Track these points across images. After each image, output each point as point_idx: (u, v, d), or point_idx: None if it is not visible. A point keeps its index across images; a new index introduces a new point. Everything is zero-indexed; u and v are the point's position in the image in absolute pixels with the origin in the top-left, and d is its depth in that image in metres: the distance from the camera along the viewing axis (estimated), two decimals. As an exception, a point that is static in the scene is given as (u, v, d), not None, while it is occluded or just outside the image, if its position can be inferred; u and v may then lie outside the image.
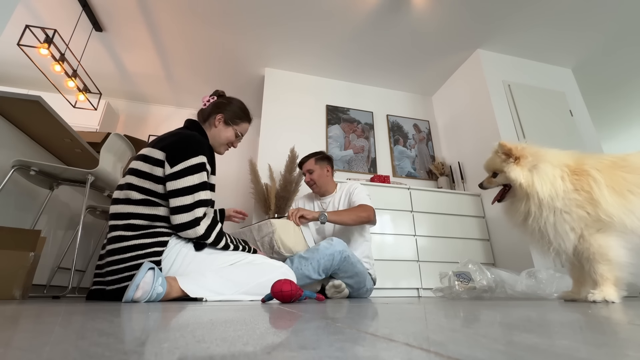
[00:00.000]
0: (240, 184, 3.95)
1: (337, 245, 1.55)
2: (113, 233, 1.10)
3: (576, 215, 1.11)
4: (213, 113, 1.38)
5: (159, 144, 1.18)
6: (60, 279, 1.92)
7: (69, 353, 0.23)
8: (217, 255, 1.18)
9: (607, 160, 1.17)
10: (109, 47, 3.30)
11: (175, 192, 1.11)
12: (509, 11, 2.85)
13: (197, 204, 1.12)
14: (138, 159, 1.18)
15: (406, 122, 3.80)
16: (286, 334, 0.35)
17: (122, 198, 1.13)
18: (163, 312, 0.60)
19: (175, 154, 1.14)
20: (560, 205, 1.12)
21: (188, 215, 1.10)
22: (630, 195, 1.08)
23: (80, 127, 3.37)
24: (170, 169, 1.12)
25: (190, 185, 1.12)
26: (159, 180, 1.14)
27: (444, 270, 1.96)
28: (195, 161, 1.15)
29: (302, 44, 3.24)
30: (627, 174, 1.11)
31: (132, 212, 1.11)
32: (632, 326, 0.44)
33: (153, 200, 1.13)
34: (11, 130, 1.59)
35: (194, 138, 1.21)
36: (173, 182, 1.11)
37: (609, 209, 1.06)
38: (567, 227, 1.11)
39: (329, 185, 2.02)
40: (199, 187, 1.14)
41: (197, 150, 1.17)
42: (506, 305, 0.91)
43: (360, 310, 0.69)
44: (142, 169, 1.15)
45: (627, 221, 1.05)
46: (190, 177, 1.13)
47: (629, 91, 3.94)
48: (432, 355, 0.23)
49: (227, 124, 1.39)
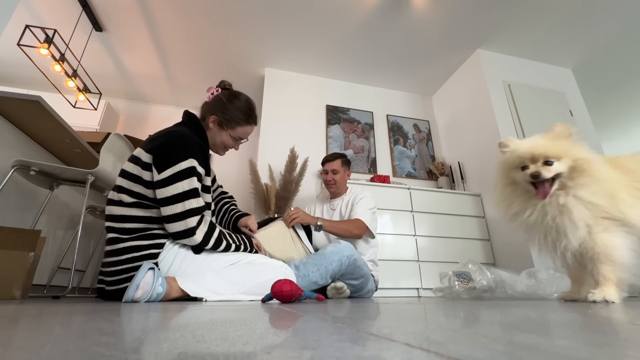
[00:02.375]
0: (240, 184, 3.95)
1: (346, 250, 1.52)
2: (110, 234, 1.10)
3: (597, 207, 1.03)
4: (208, 113, 1.28)
5: (148, 145, 1.13)
6: (60, 279, 1.92)
7: (69, 353, 0.23)
8: (217, 255, 1.17)
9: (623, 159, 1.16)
10: (109, 47, 3.30)
11: (165, 200, 1.05)
12: (509, 11, 2.85)
13: (188, 213, 1.06)
14: (130, 160, 1.14)
15: (406, 122, 3.80)
16: (286, 334, 0.35)
17: (116, 200, 1.11)
18: (163, 312, 0.60)
19: (161, 159, 1.07)
20: (612, 189, 1.05)
21: (180, 225, 1.05)
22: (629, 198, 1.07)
23: (80, 127, 3.37)
24: (157, 175, 1.06)
25: (179, 192, 1.05)
26: (149, 185, 1.09)
27: (444, 270, 1.96)
28: (183, 166, 1.07)
29: (302, 44, 3.24)
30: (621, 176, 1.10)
31: (127, 215, 1.09)
32: (632, 326, 0.44)
33: (146, 203, 1.10)
34: (11, 130, 1.59)
35: (182, 139, 1.13)
36: (162, 190, 1.06)
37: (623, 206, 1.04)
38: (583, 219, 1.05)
39: (343, 187, 2.05)
40: (189, 194, 1.07)
41: (185, 153, 1.09)
42: (506, 305, 0.91)
43: (360, 310, 0.69)
44: (131, 172, 1.11)
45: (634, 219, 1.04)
46: (180, 184, 1.06)
47: (629, 91, 3.94)
48: (432, 355, 0.23)
49: (221, 127, 1.28)
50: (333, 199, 2.05)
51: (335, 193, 2.04)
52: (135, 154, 1.15)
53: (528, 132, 2.93)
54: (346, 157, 2.10)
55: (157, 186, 1.07)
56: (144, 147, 1.14)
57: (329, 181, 2.01)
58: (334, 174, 2.00)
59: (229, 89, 1.36)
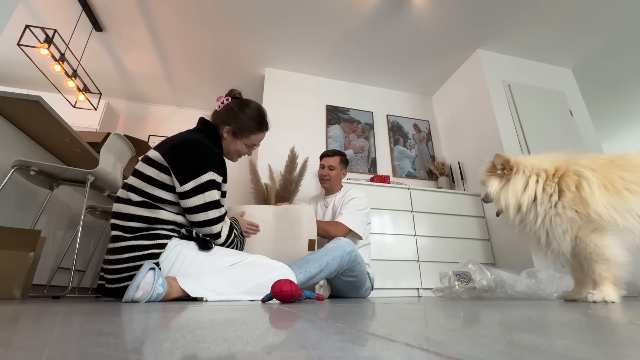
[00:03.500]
0: (240, 184, 3.95)
1: (346, 246, 1.52)
2: (114, 232, 1.11)
3: (566, 217, 1.10)
4: (222, 123, 1.32)
5: (165, 149, 1.16)
6: (60, 279, 1.92)
7: (69, 353, 0.23)
8: (218, 256, 1.17)
9: (603, 160, 1.17)
10: (109, 47, 3.30)
11: (190, 209, 1.13)
12: (509, 11, 2.85)
13: (213, 222, 1.16)
14: (144, 162, 1.17)
15: (406, 122, 3.80)
16: (286, 334, 0.35)
17: (125, 198, 1.14)
18: (163, 312, 0.60)
19: (184, 170, 1.12)
20: (544, 210, 1.14)
21: (206, 230, 1.17)
22: (629, 193, 1.07)
23: (80, 127, 3.37)
24: (180, 187, 1.12)
25: (202, 203, 1.13)
26: (166, 187, 1.13)
27: (444, 270, 1.96)
28: (204, 179, 1.14)
29: (302, 44, 3.24)
30: (626, 172, 1.10)
31: (132, 214, 1.10)
32: (632, 326, 0.44)
33: (152, 203, 1.12)
34: (11, 130, 1.59)
35: (203, 151, 1.18)
36: (185, 201, 1.13)
37: (598, 208, 1.05)
38: (560, 230, 1.10)
39: (337, 185, 2.07)
40: (211, 206, 1.15)
41: (206, 165, 1.15)
42: (506, 305, 0.91)
43: (360, 310, 0.69)
44: (147, 173, 1.13)
45: (619, 220, 1.04)
46: (201, 196, 1.13)
47: (629, 91, 3.94)
48: (432, 355, 0.23)
49: (236, 136, 1.33)
50: (327, 196, 2.07)
51: (328, 189, 2.06)
52: (150, 155, 1.17)
53: (528, 132, 2.93)
54: (345, 155, 2.11)
55: (181, 197, 1.13)
56: (160, 150, 1.16)
57: (324, 176, 2.03)
58: (330, 170, 2.02)
59: (239, 98, 1.40)
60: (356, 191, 1.97)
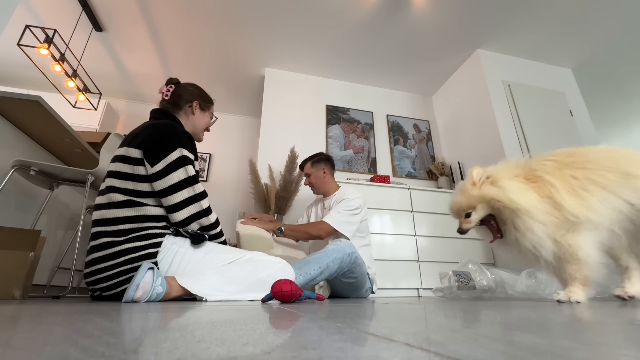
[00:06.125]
0: (240, 184, 3.95)
1: (347, 248, 1.53)
2: (102, 239, 1.06)
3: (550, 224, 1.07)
4: (187, 102, 1.35)
5: (134, 141, 1.15)
6: (60, 279, 1.92)
7: (69, 353, 0.23)
8: (215, 254, 1.17)
9: (551, 162, 1.13)
10: (109, 47, 3.30)
11: (165, 191, 1.09)
12: (509, 11, 2.85)
13: (200, 196, 1.14)
14: (116, 161, 1.15)
15: (406, 122, 3.80)
16: (286, 334, 0.35)
17: (105, 203, 1.10)
18: (163, 312, 0.60)
19: (152, 152, 1.11)
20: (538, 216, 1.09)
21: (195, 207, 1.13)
22: (585, 193, 1.04)
23: (80, 127, 3.37)
24: (151, 169, 1.09)
25: (178, 181, 1.11)
26: (143, 179, 1.11)
27: (444, 270, 1.96)
28: (174, 156, 1.12)
29: (302, 44, 3.24)
30: (576, 171, 1.07)
31: (118, 217, 1.07)
32: (631, 326, 0.44)
33: (137, 200, 1.09)
34: (11, 130, 1.59)
35: (168, 129, 1.17)
36: (159, 182, 1.09)
37: (573, 209, 1.03)
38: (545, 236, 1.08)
39: (328, 185, 2.04)
40: (191, 181, 1.14)
41: (174, 142, 1.14)
42: (506, 305, 0.91)
43: (360, 310, 0.69)
44: (122, 170, 1.12)
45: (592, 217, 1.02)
46: (175, 174, 1.10)
47: (629, 91, 3.95)
48: (432, 355, 0.23)
49: (203, 109, 1.40)
50: (325, 198, 2.07)
51: (323, 193, 2.07)
52: (120, 153, 1.16)
53: (528, 132, 2.93)
54: (319, 155, 2.10)
55: (153, 179, 1.10)
56: (130, 144, 1.15)
57: (308, 185, 2.08)
58: (308, 177, 2.05)
59: (179, 83, 1.44)
60: (350, 192, 1.95)
